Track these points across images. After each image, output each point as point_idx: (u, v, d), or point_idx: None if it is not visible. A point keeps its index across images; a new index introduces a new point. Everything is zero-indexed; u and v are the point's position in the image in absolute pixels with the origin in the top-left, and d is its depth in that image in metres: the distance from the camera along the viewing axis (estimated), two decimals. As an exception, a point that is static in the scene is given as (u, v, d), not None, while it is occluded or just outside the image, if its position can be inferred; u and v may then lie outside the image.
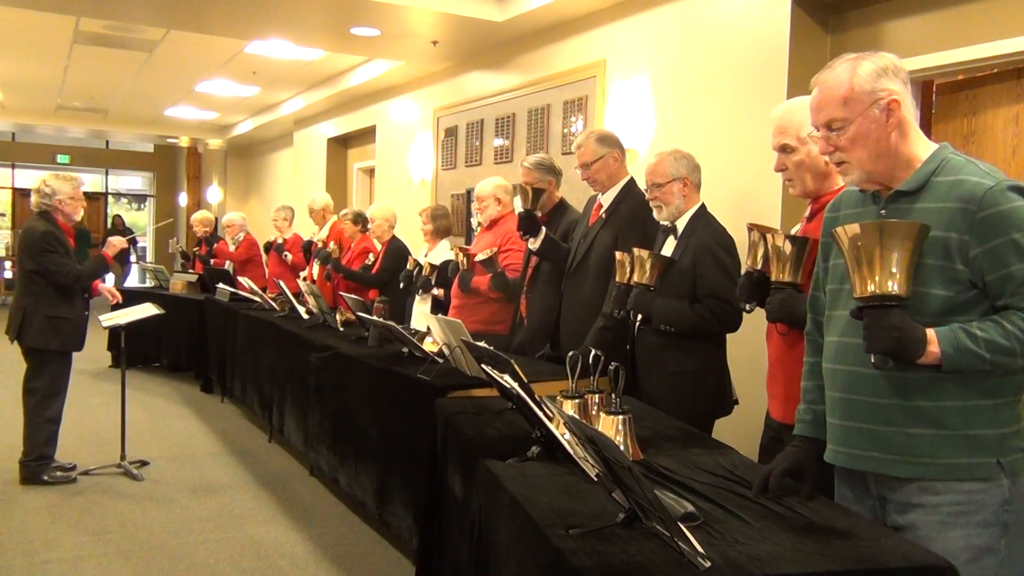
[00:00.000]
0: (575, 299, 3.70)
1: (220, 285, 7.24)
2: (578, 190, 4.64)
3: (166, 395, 7.15)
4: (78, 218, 4.80)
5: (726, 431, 3.12)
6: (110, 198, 19.50)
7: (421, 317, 4.93)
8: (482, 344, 3.06)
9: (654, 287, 3.06)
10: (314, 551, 3.76)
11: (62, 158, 17.57)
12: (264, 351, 5.61)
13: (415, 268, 5.28)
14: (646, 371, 3.18)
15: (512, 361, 2.65)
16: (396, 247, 6.03)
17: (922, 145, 1.84)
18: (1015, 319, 1.68)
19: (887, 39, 3.89)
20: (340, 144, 10.54)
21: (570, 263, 3.77)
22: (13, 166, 17.65)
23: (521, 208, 3.97)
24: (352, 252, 6.45)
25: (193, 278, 8.25)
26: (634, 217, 3.55)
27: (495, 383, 2.47)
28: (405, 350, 3.86)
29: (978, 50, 3.52)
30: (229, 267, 8.29)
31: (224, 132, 14.18)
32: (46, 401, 4.58)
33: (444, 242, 5.41)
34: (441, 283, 4.99)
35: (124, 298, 8.00)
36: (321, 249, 6.54)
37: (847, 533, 1.68)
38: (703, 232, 3.13)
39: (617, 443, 2.06)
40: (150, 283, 9.33)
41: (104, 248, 4.89)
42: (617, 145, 3.72)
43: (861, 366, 1.77)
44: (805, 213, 2.55)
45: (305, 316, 5.39)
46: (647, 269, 3.05)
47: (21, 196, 16.88)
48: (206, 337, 7.28)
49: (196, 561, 3.62)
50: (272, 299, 6.15)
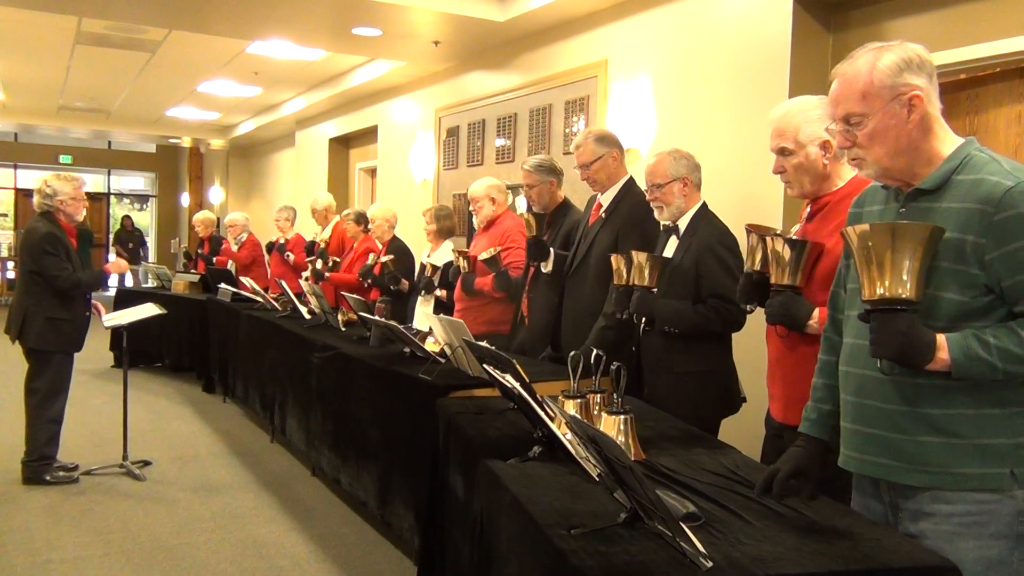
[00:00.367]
0: (575, 299, 3.69)
1: (222, 285, 7.26)
2: (580, 190, 4.63)
3: (168, 395, 7.16)
4: (80, 218, 4.80)
5: (729, 431, 3.11)
6: (112, 198, 19.54)
7: (423, 317, 4.93)
8: (484, 344, 3.06)
9: (655, 288, 3.05)
10: (316, 551, 3.76)
11: (64, 158, 17.60)
12: (266, 351, 5.61)
13: (421, 270, 5.29)
14: (652, 373, 3.17)
15: (514, 361, 2.65)
16: (398, 247, 6.03)
17: (948, 141, 1.75)
18: None
19: (889, 38, 3.82)
20: (342, 144, 10.55)
21: (570, 263, 3.76)
22: (15, 166, 17.70)
23: (528, 235, 4.04)
24: (355, 253, 6.45)
25: (195, 278, 8.25)
26: (633, 216, 3.55)
27: (497, 383, 2.47)
28: (407, 350, 3.86)
29: (980, 49, 3.51)
30: (231, 267, 8.29)
31: (226, 132, 14.19)
32: (48, 401, 4.59)
33: (447, 243, 5.41)
34: (443, 284, 4.99)
35: (127, 298, 8.06)
36: (317, 271, 6.54)
37: (849, 533, 1.68)
38: (705, 231, 3.12)
39: (619, 443, 2.06)
40: (152, 283, 9.33)
41: (107, 265, 5.00)
42: (616, 145, 3.71)
43: (871, 370, 1.71)
44: (804, 213, 2.54)
45: (307, 316, 5.40)
46: (646, 271, 3.04)
47: (23, 196, 16.91)
48: (208, 337, 7.29)
49: (198, 561, 3.62)
50: (274, 299, 6.15)
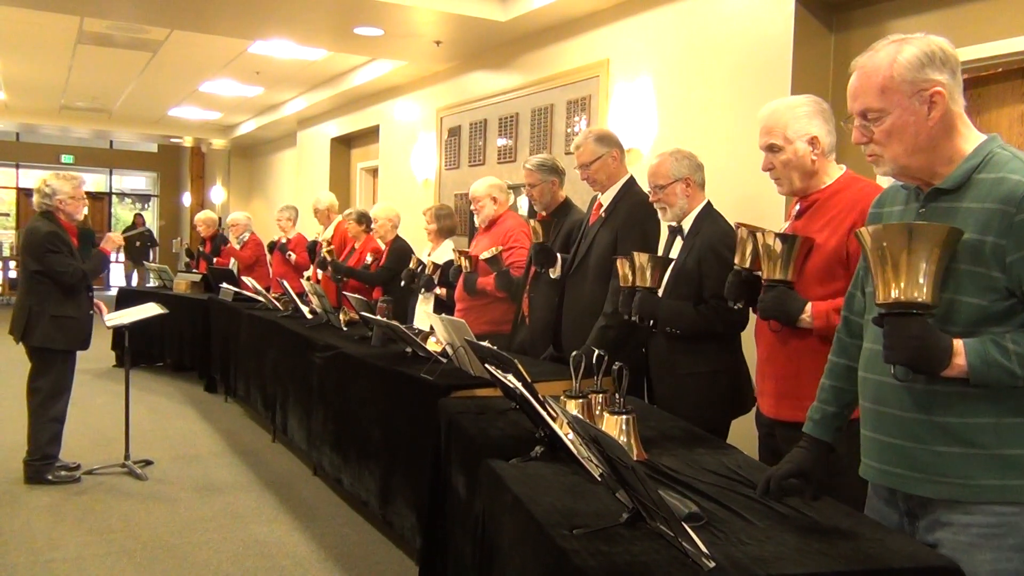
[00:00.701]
0: (575, 299, 3.69)
1: (224, 285, 7.26)
2: (581, 190, 4.63)
3: (170, 395, 7.16)
4: (80, 217, 4.80)
5: (736, 431, 3.11)
6: (114, 198, 19.55)
7: (424, 317, 4.92)
8: (485, 344, 3.06)
9: (657, 289, 3.05)
10: (317, 551, 3.76)
11: (66, 158, 17.63)
12: (268, 351, 5.61)
13: (418, 267, 5.29)
14: (658, 374, 3.17)
15: (516, 361, 2.65)
16: (400, 247, 6.04)
17: (970, 139, 1.67)
18: None
19: (891, 38, 3.87)
20: (343, 144, 10.55)
21: (570, 263, 3.76)
22: (17, 166, 17.73)
23: (534, 241, 4.02)
24: (357, 252, 6.45)
25: (197, 278, 8.26)
26: (633, 216, 3.54)
27: (498, 383, 2.47)
28: (408, 350, 3.86)
29: (983, 49, 3.51)
30: (234, 267, 8.30)
31: (228, 132, 14.20)
32: (50, 400, 4.59)
33: (448, 242, 5.41)
34: (444, 282, 4.99)
35: (128, 297, 8.06)
36: (321, 259, 6.54)
37: (851, 533, 1.68)
38: (707, 232, 3.12)
39: (621, 443, 2.06)
40: (154, 283, 9.34)
41: (102, 245, 4.90)
42: (616, 144, 3.70)
43: (888, 376, 1.64)
44: (793, 211, 2.55)
45: (309, 316, 5.40)
46: (647, 273, 3.03)
47: (26, 196, 16.92)
48: (210, 337, 7.29)
49: (199, 560, 3.62)
50: (276, 299, 6.16)
